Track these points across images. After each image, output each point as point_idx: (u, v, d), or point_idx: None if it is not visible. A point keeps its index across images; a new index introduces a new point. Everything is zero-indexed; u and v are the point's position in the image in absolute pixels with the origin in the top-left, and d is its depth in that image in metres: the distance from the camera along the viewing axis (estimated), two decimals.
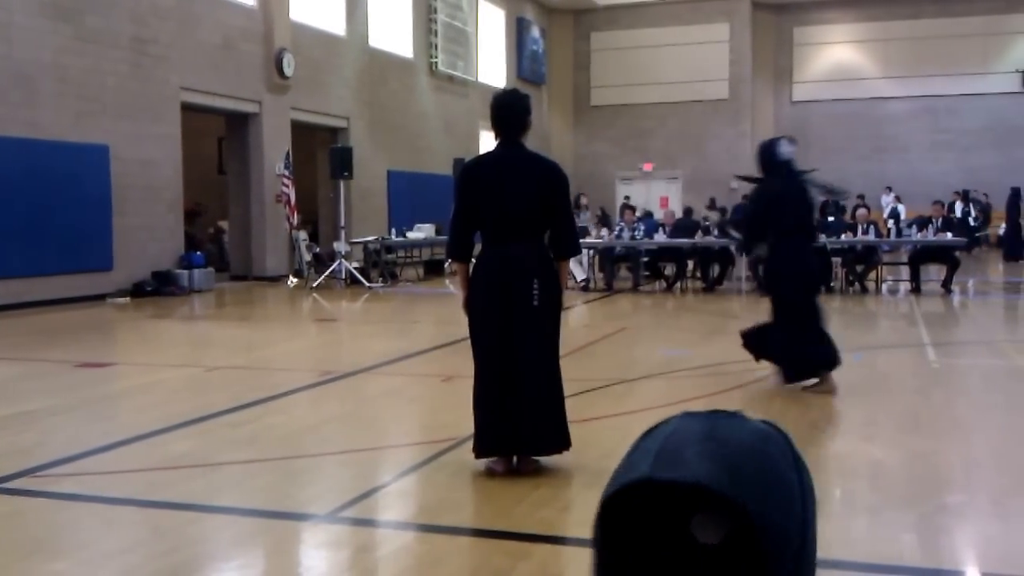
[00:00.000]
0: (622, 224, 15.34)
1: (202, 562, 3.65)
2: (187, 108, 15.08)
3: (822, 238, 14.08)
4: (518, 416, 4.42)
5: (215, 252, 18.68)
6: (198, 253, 15.58)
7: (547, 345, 4.54)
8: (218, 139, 19.30)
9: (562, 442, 4.54)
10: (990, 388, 6.93)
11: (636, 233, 15.06)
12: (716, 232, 14.88)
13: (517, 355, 4.45)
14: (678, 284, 14.96)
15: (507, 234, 4.50)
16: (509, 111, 4.60)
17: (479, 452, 4.49)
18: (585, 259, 15.38)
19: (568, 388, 6.37)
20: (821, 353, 6.48)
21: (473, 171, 4.66)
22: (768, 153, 6.76)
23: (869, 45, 27.95)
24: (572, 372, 7.16)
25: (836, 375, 6.51)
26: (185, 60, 14.82)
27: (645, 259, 15.20)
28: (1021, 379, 7.06)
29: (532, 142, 4.76)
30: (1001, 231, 25.50)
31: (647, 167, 28.46)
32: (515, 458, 4.56)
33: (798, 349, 6.50)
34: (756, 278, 14.40)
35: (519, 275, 4.45)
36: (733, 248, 14.07)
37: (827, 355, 6.49)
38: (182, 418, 5.81)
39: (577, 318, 12.17)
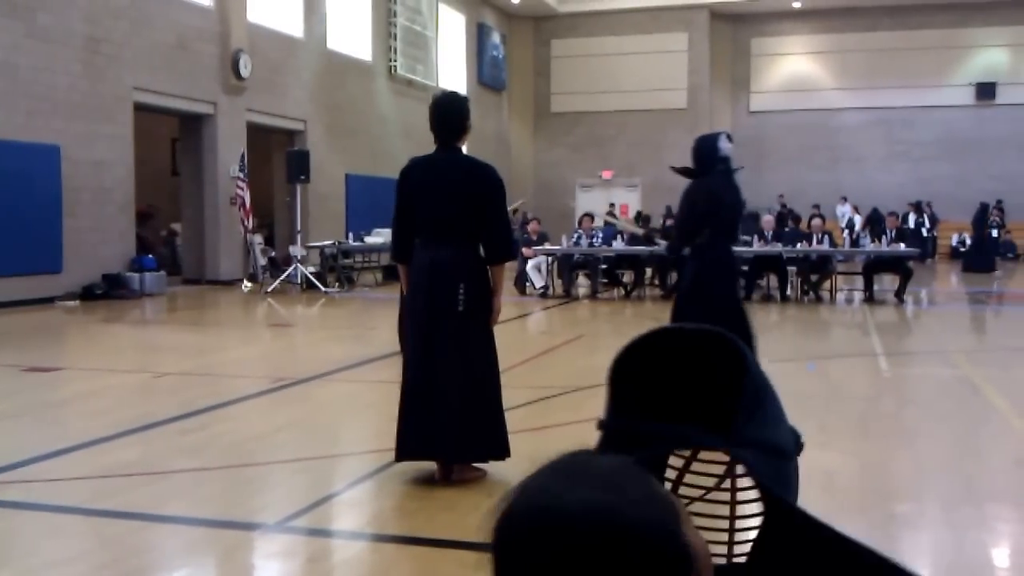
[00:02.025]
0: (580, 232, 15.37)
1: (148, 572, 3.57)
2: (140, 108, 14.85)
3: (778, 246, 14.28)
4: (438, 421, 4.39)
5: (167, 255, 18.41)
6: (150, 256, 15.33)
7: (475, 350, 4.49)
8: (172, 140, 19.05)
9: (494, 450, 4.48)
10: (940, 397, 7.02)
11: (594, 240, 15.11)
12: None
13: (441, 359, 4.42)
14: (636, 291, 15.02)
15: (436, 237, 4.50)
16: (445, 113, 4.58)
17: (397, 455, 4.48)
18: (544, 266, 15.41)
19: (525, 395, 6.36)
20: None
21: (407, 174, 4.66)
22: (709, 148, 6.41)
23: (826, 57, 28.36)
24: (529, 379, 7.15)
25: (786, 383, 6.54)
26: (139, 60, 14.60)
27: (603, 266, 15.25)
28: (971, 389, 7.17)
29: (492, 147, 4.77)
30: (954, 242, 26.06)
31: (606, 174, 28.60)
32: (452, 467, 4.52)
33: None
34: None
35: (445, 279, 4.43)
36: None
37: None
38: (130, 425, 5.69)
39: (535, 325, 12.17)
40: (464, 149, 4.76)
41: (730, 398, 0.86)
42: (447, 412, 4.39)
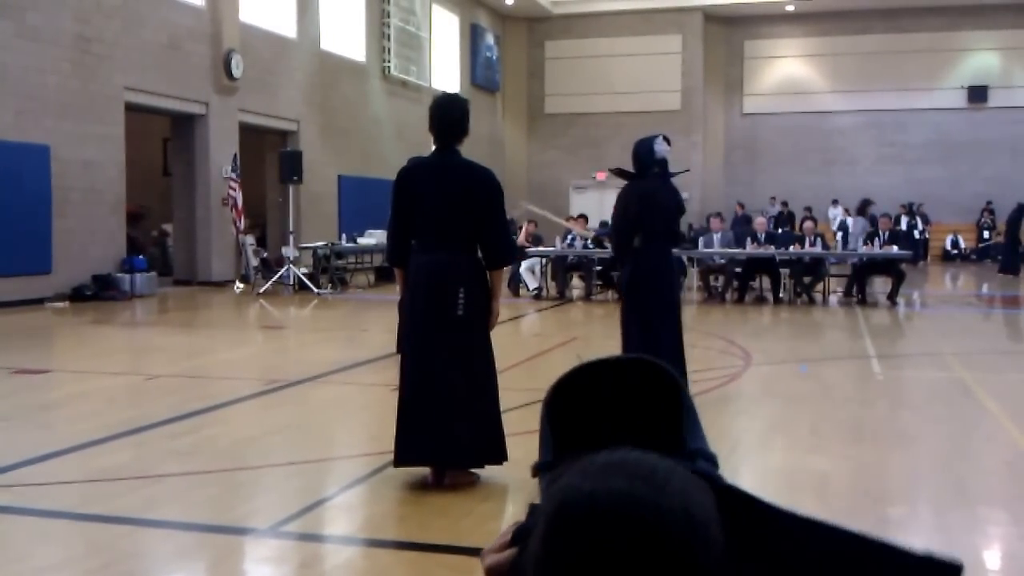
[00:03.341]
0: (574, 233, 15.36)
1: None
2: (131, 108, 14.79)
3: (771, 249, 14.29)
4: (438, 426, 4.35)
5: (158, 256, 18.34)
6: (140, 257, 15.25)
7: (474, 355, 4.47)
8: (163, 140, 18.98)
9: (494, 455, 4.46)
10: (933, 400, 7.02)
11: (588, 242, 15.09)
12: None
13: (440, 364, 4.39)
14: None
15: (436, 241, 4.46)
16: (445, 115, 4.53)
17: (396, 460, 4.43)
18: (538, 267, 15.39)
19: (518, 399, 6.34)
20: None
21: (405, 176, 4.61)
22: (645, 150, 6.47)
23: (818, 59, 28.42)
24: (522, 382, 7.12)
25: (779, 386, 6.54)
26: (130, 59, 14.54)
27: (598, 268, 15.23)
28: (963, 391, 7.17)
29: (486, 149, 4.75)
30: (947, 244, 26.17)
31: (600, 176, 28.58)
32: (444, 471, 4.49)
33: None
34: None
35: (445, 283, 4.40)
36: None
37: None
38: (120, 428, 5.65)
39: (529, 327, 12.15)
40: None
41: (670, 420, 0.89)
42: (446, 417, 4.35)
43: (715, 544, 0.76)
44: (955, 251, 26.11)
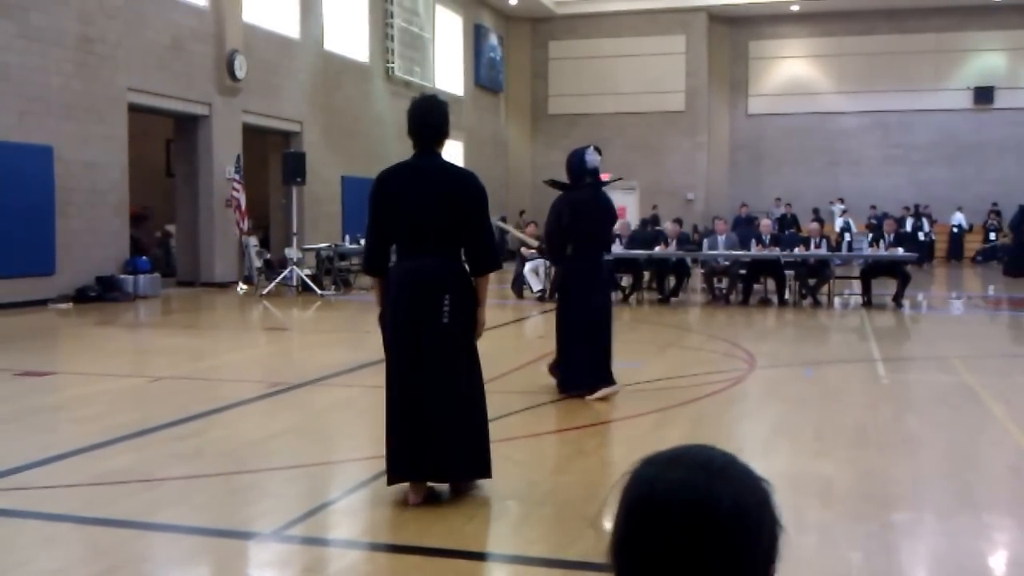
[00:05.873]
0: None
1: None
2: (134, 109, 14.80)
3: (775, 251, 14.26)
4: (426, 440, 4.20)
5: (162, 257, 18.37)
6: (144, 258, 15.28)
7: (460, 365, 4.30)
8: (166, 141, 19.00)
9: (479, 469, 4.33)
10: (938, 404, 7.00)
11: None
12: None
13: (426, 377, 4.22)
14: (634, 295, 14.99)
15: (418, 247, 4.29)
16: (423, 118, 4.38)
17: (389, 478, 4.28)
18: (542, 269, 15.37)
19: (519, 401, 6.34)
20: (590, 372, 6.55)
21: (384, 181, 4.42)
22: (577, 161, 6.76)
23: (823, 60, 28.38)
24: (524, 384, 7.12)
25: (783, 389, 6.51)
26: (133, 60, 14.55)
27: None
28: (969, 395, 7.14)
29: (490, 149, 4.73)
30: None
31: (604, 177, 28.53)
32: (437, 485, 4.40)
33: (575, 360, 6.60)
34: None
35: (429, 290, 4.23)
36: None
37: (595, 376, 6.54)
38: (124, 431, 5.65)
39: (532, 329, 12.13)
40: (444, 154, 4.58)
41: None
42: (434, 431, 4.21)
43: (766, 532, 0.87)
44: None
